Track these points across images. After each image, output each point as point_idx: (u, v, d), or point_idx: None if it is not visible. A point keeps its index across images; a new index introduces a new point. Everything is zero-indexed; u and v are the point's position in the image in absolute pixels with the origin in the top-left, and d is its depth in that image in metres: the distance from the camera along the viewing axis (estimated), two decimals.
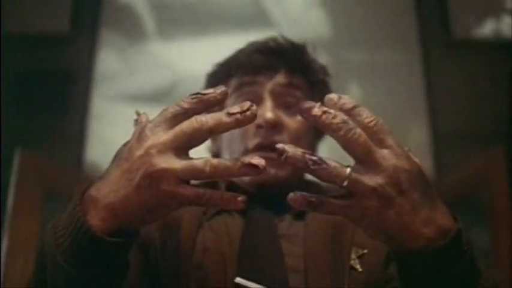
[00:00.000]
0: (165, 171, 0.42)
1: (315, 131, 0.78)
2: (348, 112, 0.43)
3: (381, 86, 1.70)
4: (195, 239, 0.64)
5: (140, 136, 0.44)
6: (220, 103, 0.45)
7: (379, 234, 0.44)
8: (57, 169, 1.43)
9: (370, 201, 0.42)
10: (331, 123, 0.42)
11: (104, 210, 0.45)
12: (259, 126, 0.72)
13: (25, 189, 1.28)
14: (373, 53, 1.74)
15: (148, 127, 0.44)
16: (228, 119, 0.43)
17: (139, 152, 0.43)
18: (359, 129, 0.42)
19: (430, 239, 0.43)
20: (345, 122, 0.42)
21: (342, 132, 0.42)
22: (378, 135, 0.43)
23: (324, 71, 0.82)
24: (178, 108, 0.44)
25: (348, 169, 0.42)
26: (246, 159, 0.42)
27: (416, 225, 0.42)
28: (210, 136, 0.44)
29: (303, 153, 0.42)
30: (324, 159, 0.42)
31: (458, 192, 1.40)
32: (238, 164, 0.42)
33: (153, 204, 0.44)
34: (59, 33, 1.73)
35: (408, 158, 0.43)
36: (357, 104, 0.44)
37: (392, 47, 1.75)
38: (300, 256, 0.63)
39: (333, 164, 0.42)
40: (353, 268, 0.61)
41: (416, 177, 0.43)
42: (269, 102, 0.73)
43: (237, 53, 0.80)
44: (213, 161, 0.43)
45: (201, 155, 0.44)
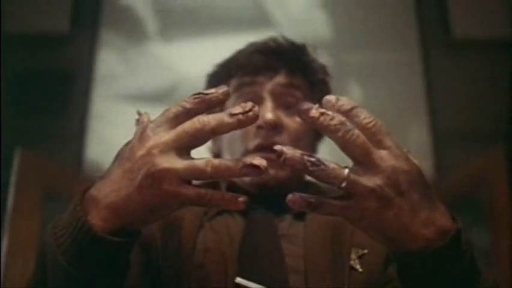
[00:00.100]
0: (167, 171, 0.42)
1: (315, 131, 0.78)
2: (346, 113, 0.43)
3: (381, 87, 1.70)
4: (196, 239, 0.64)
5: (142, 136, 0.44)
6: (222, 103, 0.45)
7: (378, 235, 0.44)
8: (57, 169, 1.43)
9: (369, 202, 0.42)
10: (329, 125, 0.42)
11: (105, 210, 0.44)
12: (260, 127, 0.71)
13: (25, 189, 1.28)
14: (373, 53, 1.75)
15: (150, 127, 0.44)
16: (230, 120, 0.43)
17: (141, 152, 0.43)
18: (357, 131, 0.42)
19: (430, 240, 0.42)
20: (342, 123, 0.42)
21: (340, 133, 0.42)
22: (376, 136, 0.43)
23: (324, 70, 0.82)
24: (180, 108, 0.44)
25: (347, 170, 0.42)
26: (248, 160, 0.42)
27: (416, 226, 0.42)
28: (212, 136, 0.44)
29: (302, 154, 0.42)
30: (323, 161, 0.42)
31: (458, 192, 1.40)
32: (240, 165, 0.42)
33: (154, 204, 0.44)
34: (59, 33, 1.74)
35: (407, 159, 0.43)
36: (355, 105, 0.43)
37: (393, 48, 1.75)
38: (300, 256, 0.63)
39: (331, 165, 0.42)
40: (353, 268, 0.61)
41: (415, 178, 0.43)
42: (269, 103, 0.73)
43: (237, 53, 0.80)
44: (215, 161, 0.43)
45: (202, 156, 0.44)
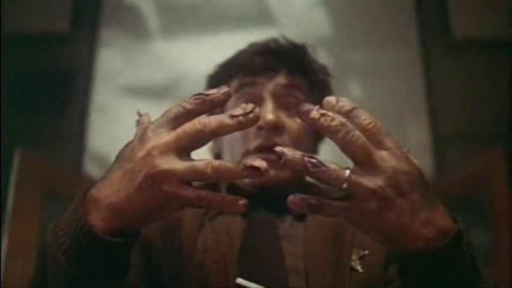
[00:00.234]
0: (167, 173, 0.42)
1: (316, 132, 0.77)
2: (347, 114, 0.43)
3: (381, 86, 1.70)
4: (196, 240, 0.64)
5: (142, 137, 0.44)
6: (223, 103, 0.45)
7: (379, 236, 0.44)
8: (57, 169, 1.43)
9: (369, 203, 0.42)
10: (330, 126, 0.42)
11: (106, 211, 0.44)
12: (260, 128, 0.71)
13: (25, 189, 1.28)
14: (373, 53, 1.75)
15: (150, 128, 0.44)
16: (230, 121, 0.43)
17: (141, 153, 0.43)
18: (357, 132, 0.42)
19: (430, 240, 0.42)
20: (343, 124, 0.42)
21: (340, 134, 0.41)
22: (376, 137, 0.42)
23: (325, 71, 0.82)
24: (181, 109, 0.44)
25: (347, 171, 0.42)
26: (248, 162, 0.42)
27: (416, 227, 0.42)
28: (213, 138, 0.44)
29: (302, 156, 0.41)
30: (323, 162, 0.41)
31: (458, 192, 1.40)
32: (240, 166, 0.42)
33: (154, 205, 0.44)
34: (59, 33, 1.74)
35: (407, 159, 0.43)
36: (355, 106, 0.43)
37: (393, 47, 1.75)
38: (301, 257, 0.63)
39: (332, 167, 0.41)
40: (354, 269, 0.61)
41: (416, 178, 0.43)
42: (270, 104, 0.73)
43: (237, 54, 0.80)
44: (215, 162, 0.43)
45: (202, 156, 0.44)
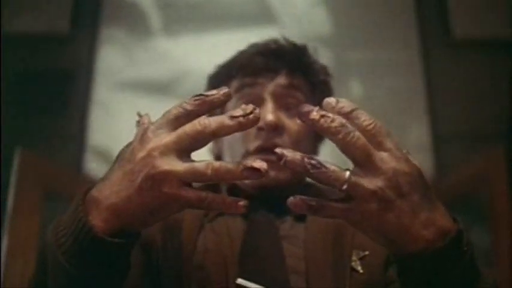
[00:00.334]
0: (167, 174, 0.42)
1: (316, 133, 0.77)
2: (347, 115, 0.43)
3: (381, 86, 1.70)
4: (197, 240, 0.65)
5: (142, 138, 0.44)
6: (223, 104, 0.45)
7: (379, 237, 0.44)
8: (57, 169, 1.43)
9: (370, 204, 0.42)
10: (330, 127, 0.42)
11: (106, 211, 0.44)
12: (260, 129, 0.71)
13: (25, 189, 1.28)
14: (373, 52, 1.75)
15: (150, 129, 0.44)
16: (230, 122, 0.43)
17: (141, 154, 0.43)
18: (357, 133, 0.42)
19: (430, 241, 0.42)
20: (343, 125, 0.42)
21: (340, 135, 0.41)
22: (376, 138, 0.42)
23: (325, 71, 0.81)
24: (181, 109, 0.44)
25: (347, 172, 0.41)
26: (248, 163, 0.42)
27: (416, 228, 0.42)
28: (213, 139, 0.44)
29: (302, 157, 0.41)
30: (323, 163, 0.41)
31: (458, 192, 1.40)
32: (240, 168, 0.42)
33: (154, 206, 0.44)
34: (59, 33, 1.74)
35: (407, 160, 0.43)
36: (355, 107, 0.43)
37: (393, 47, 1.75)
38: (301, 257, 0.63)
39: (332, 168, 0.41)
40: (354, 270, 0.61)
41: (416, 179, 0.43)
42: (270, 104, 0.73)
43: (238, 54, 0.80)
44: (215, 164, 0.43)
45: (203, 157, 0.44)
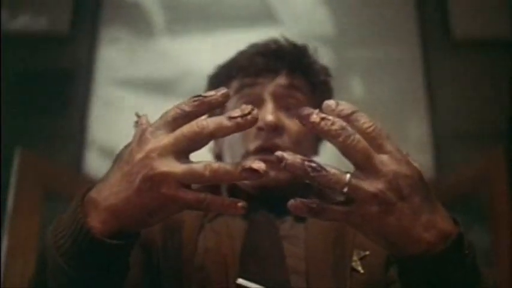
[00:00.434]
0: (166, 175, 0.42)
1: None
2: (347, 118, 0.43)
3: (382, 85, 1.70)
4: (197, 241, 0.65)
5: (141, 139, 0.44)
6: (221, 105, 0.45)
7: (380, 239, 0.44)
8: (57, 169, 1.43)
9: (370, 207, 0.42)
10: (330, 130, 0.42)
11: (105, 213, 0.44)
12: (260, 129, 0.71)
13: (25, 189, 1.28)
14: (374, 51, 1.75)
15: (149, 130, 0.44)
16: (228, 123, 0.42)
17: (140, 155, 0.43)
18: (358, 135, 0.42)
19: (431, 244, 0.42)
20: (343, 128, 0.42)
21: (340, 138, 0.41)
22: (376, 141, 0.42)
23: (326, 72, 0.81)
24: (179, 111, 0.44)
25: (348, 175, 0.41)
26: (247, 164, 0.42)
27: (417, 230, 0.42)
28: (211, 140, 0.44)
29: (302, 160, 0.41)
30: (323, 166, 0.41)
31: (458, 192, 1.40)
32: (239, 169, 0.42)
33: (153, 207, 0.44)
34: (59, 33, 1.74)
35: (408, 163, 0.43)
36: (355, 110, 0.43)
37: (393, 46, 1.75)
38: (302, 257, 0.63)
39: (332, 171, 0.41)
40: (354, 270, 0.61)
41: (417, 182, 0.43)
42: (270, 104, 0.73)
43: (238, 55, 0.80)
44: (213, 165, 0.42)
45: (203, 157, 0.44)
